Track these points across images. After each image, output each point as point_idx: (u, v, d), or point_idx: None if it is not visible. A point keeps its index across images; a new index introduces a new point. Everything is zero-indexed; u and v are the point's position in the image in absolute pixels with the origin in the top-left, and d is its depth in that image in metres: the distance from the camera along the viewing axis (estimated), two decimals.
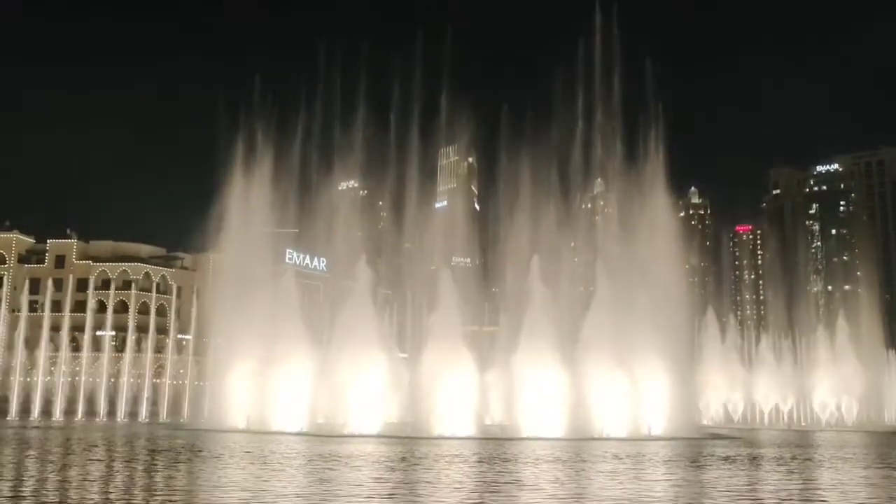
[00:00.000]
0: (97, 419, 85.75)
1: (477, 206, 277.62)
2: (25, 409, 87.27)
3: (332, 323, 64.89)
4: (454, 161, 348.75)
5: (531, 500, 20.53)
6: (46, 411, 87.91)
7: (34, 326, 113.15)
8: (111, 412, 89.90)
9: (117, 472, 26.07)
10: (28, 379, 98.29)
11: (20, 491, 20.22)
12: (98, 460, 30.55)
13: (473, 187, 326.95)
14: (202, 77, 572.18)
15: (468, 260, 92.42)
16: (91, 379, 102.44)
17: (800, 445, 49.64)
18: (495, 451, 38.57)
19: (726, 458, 34.74)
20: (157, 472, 26.18)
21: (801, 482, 25.49)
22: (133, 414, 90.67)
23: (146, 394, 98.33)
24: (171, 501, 19.04)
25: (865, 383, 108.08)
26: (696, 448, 43.66)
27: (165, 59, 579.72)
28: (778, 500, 20.93)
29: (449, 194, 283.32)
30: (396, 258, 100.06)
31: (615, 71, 71.13)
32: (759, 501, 20.90)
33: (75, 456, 32.80)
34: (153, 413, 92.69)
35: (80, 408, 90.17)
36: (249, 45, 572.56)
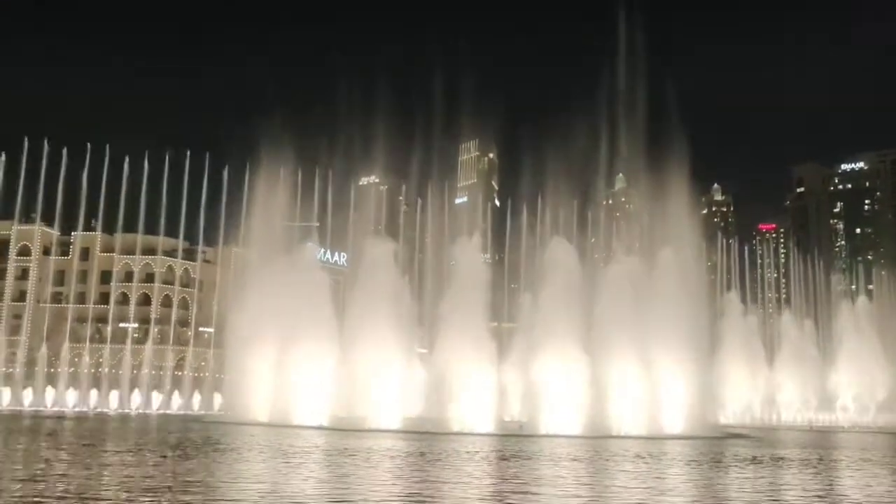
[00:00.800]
0: (121, 410, 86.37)
1: (497, 203, 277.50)
2: (45, 400, 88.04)
3: (351, 318, 64.90)
4: (475, 156, 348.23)
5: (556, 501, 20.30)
6: (67, 402, 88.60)
7: (58, 318, 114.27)
8: (133, 403, 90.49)
9: (132, 465, 26.09)
10: (51, 370, 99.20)
11: (36, 482, 20.24)
12: (117, 452, 30.64)
13: (494, 183, 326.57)
14: (223, 71, 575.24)
15: (487, 256, 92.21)
16: (113, 370, 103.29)
17: (825, 447, 48.97)
18: (514, 448, 38.35)
19: (753, 459, 34.30)
20: (175, 464, 26.18)
21: (829, 485, 25.07)
22: (155, 405, 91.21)
23: (168, 386, 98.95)
24: (188, 493, 18.98)
25: (891, 382, 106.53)
26: (718, 448, 43.21)
27: (186, 54, 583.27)
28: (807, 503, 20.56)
29: (469, 190, 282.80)
30: (417, 253, 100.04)
31: (640, 72, 70.51)
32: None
33: (94, 447, 32.92)
34: (175, 405, 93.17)
35: (103, 399, 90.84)
36: (269, 45, 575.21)
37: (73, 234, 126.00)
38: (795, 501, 20.75)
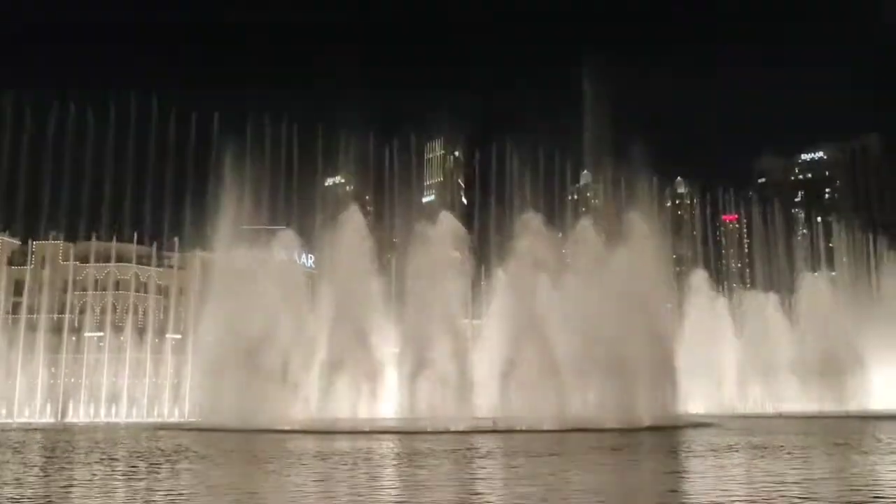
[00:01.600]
0: (88, 420, 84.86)
1: (464, 200, 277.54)
2: (7, 412, 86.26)
3: (321, 317, 64.45)
4: (440, 155, 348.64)
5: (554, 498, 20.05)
6: (35, 413, 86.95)
7: (19, 329, 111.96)
8: (97, 413, 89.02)
9: (95, 476, 25.39)
10: (11, 381, 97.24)
11: None
12: (82, 464, 29.86)
13: (460, 181, 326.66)
14: (185, 73, 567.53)
15: (456, 254, 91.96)
16: (79, 380, 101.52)
17: (799, 433, 49.45)
18: (491, 445, 38.13)
19: (729, 447, 34.45)
20: (140, 475, 25.53)
21: (811, 471, 25.16)
22: (123, 414, 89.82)
23: (136, 394, 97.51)
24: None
25: (847, 367, 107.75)
26: (693, 437, 43.39)
27: (145, 55, 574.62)
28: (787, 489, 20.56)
29: (436, 188, 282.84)
30: (384, 252, 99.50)
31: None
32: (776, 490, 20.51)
33: (58, 459, 32.07)
34: (144, 413, 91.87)
35: (66, 409, 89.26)
36: (237, 45, 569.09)
37: (33, 243, 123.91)
38: (783, 487, 20.75)
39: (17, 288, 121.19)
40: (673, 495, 20.06)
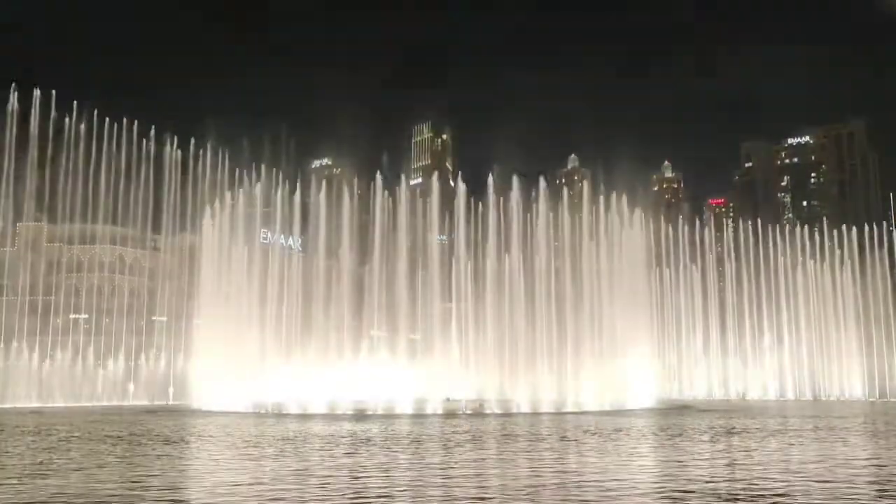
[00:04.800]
0: (74, 403, 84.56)
1: (452, 183, 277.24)
2: None
3: (304, 303, 64.43)
4: (428, 137, 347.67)
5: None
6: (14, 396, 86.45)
7: (5, 311, 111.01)
8: (82, 396, 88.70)
9: (71, 459, 25.17)
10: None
11: None
12: (61, 448, 29.64)
13: (448, 164, 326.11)
14: (169, 51, 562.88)
15: (444, 237, 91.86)
16: (64, 363, 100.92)
17: (780, 416, 49.83)
18: (487, 427, 38.08)
19: (730, 431, 34.70)
20: (123, 458, 25.34)
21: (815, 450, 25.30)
22: (108, 397, 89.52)
23: (119, 377, 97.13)
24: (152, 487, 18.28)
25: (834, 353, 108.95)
26: (685, 420, 43.54)
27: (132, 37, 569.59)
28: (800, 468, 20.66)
29: (423, 171, 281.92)
30: (371, 236, 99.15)
31: None
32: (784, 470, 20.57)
33: (42, 439, 31.82)
34: (129, 396, 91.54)
35: (57, 391, 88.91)
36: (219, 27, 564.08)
37: (17, 224, 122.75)
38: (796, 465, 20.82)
39: (0, 270, 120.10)
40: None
